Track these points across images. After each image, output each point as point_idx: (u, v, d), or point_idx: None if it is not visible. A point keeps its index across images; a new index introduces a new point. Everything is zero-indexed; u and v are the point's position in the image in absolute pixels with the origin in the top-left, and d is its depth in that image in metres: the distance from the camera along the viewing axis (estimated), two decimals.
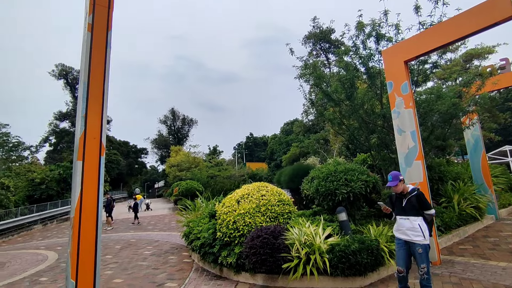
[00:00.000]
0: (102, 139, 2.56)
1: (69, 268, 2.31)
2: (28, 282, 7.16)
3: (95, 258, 2.36)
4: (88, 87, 2.56)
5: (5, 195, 19.73)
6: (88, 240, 2.36)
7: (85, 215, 2.38)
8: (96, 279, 2.34)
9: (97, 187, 2.47)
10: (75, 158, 2.51)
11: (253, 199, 6.41)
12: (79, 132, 2.48)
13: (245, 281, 5.77)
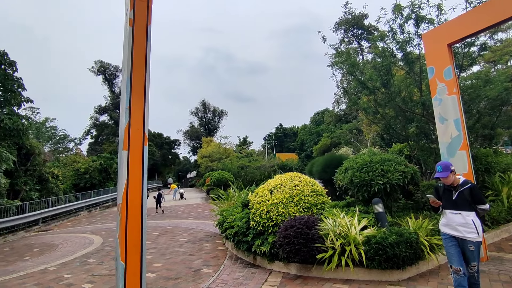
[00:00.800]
0: (145, 129, 2.67)
1: (118, 250, 2.46)
2: (78, 263, 7.78)
3: (141, 241, 2.50)
4: (131, 81, 2.67)
5: (55, 183, 21.43)
6: (135, 225, 2.50)
7: (131, 202, 2.51)
8: (142, 261, 2.48)
9: (141, 175, 2.59)
10: (121, 148, 2.65)
11: (286, 189, 6.41)
12: (123, 124, 2.61)
13: (279, 270, 5.84)
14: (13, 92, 12.85)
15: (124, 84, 2.68)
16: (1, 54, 12.59)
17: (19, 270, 7.56)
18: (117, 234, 2.56)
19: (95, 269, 7.06)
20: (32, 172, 19.41)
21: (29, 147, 18.76)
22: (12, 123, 12.26)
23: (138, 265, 2.45)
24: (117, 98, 57.08)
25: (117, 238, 2.56)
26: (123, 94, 2.71)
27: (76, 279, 6.28)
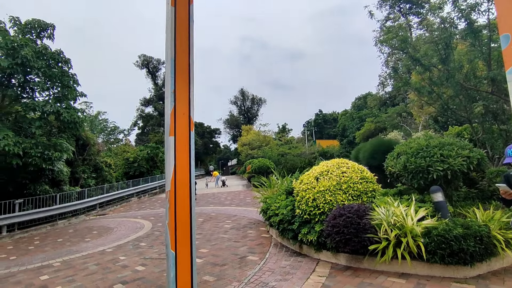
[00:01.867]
0: (191, 114, 2.56)
1: (168, 239, 2.40)
2: (131, 246, 8.25)
3: (191, 230, 2.43)
4: (175, 63, 2.55)
5: (109, 172, 23.13)
6: (184, 212, 2.42)
7: (180, 189, 2.43)
8: (192, 250, 2.41)
9: (188, 161, 2.50)
10: (167, 134, 2.56)
11: (333, 176, 6.09)
12: (169, 108, 2.51)
13: (327, 259, 5.61)
14: (69, 88, 13.84)
15: (168, 67, 2.57)
16: (58, 52, 13.55)
17: (81, 251, 8.23)
18: (167, 221, 2.51)
19: (146, 252, 7.41)
20: (88, 161, 21.09)
21: (85, 139, 20.33)
22: (70, 116, 13.26)
23: (188, 254, 2.38)
24: (160, 90, 59.57)
25: (166, 225, 2.50)
26: (167, 77, 2.62)
27: (130, 261, 6.64)
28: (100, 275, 5.86)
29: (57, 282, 5.65)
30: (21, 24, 13.16)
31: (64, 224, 14.36)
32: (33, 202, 13.56)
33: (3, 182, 13.17)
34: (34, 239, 11.16)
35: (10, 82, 12.76)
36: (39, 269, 6.74)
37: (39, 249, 9.16)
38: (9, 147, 11.38)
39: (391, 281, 4.41)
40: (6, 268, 7.12)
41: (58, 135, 14.99)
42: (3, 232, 11.83)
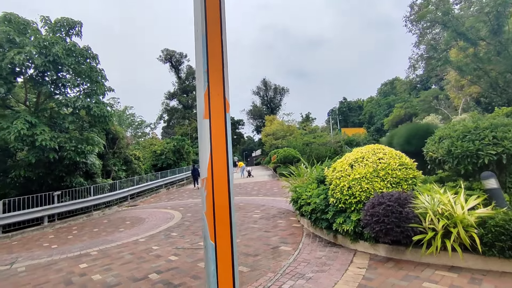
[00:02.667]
0: (226, 95, 2.35)
1: (206, 229, 2.24)
2: (163, 236, 8.36)
3: (230, 219, 2.25)
4: (207, 39, 2.34)
5: (138, 164, 23.83)
6: (222, 201, 2.25)
7: (217, 175, 2.25)
8: (233, 240, 2.24)
9: (225, 145, 2.31)
10: (201, 116, 2.38)
11: (369, 163, 5.73)
12: (202, 89, 2.32)
13: (364, 250, 5.32)
14: (98, 83, 14.20)
15: (199, 44, 2.37)
16: (86, 49, 13.89)
17: (116, 240, 8.45)
18: (204, 211, 2.34)
19: (177, 242, 7.46)
20: (118, 154, 21.79)
21: (114, 132, 20.98)
22: (100, 110, 13.63)
23: (228, 246, 2.21)
24: (183, 83, 60.39)
25: (204, 215, 2.34)
26: (198, 55, 2.42)
27: (163, 251, 6.69)
28: (135, 264, 5.94)
29: (95, 271, 5.78)
30: (51, 23, 13.57)
31: (98, 214, 14.96)
32: (70, 194, 14.21)
33: (42, 175, 13.87)
34: (72, 229, 11.68)
35: (44, 79, 13.27)
36: (78, 258, 6.98)
37: (78, 239, 9.55)
38: (46, 141, 11.89)
39: (440, 274, 4.06)
40: (49, 256, 7.45)
41: (89, 130, 15.52)
42: (45, 222, 12.50)
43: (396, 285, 3.92)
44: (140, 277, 5.14)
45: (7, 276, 6.13)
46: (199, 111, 2.48)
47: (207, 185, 2.29)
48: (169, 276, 5.06)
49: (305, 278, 4.43)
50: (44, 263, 6.83)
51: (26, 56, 11.24)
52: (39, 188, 14.09)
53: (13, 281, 5.76)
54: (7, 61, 11.07)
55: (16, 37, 11.43)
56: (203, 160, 2.35)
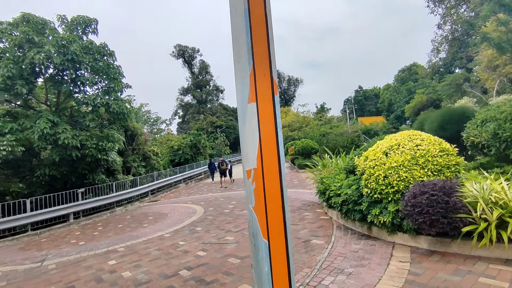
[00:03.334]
0: (273, 74, 2.09)
1: (256, 226, 2.01)
2: (188, 231, 8.27)
3: (284, 213, 2.01)
4: (249, 14, 2.08)
5: (156, 160, 24.02)
6: (275, 194, 2.01)
7: (268, 166, 2.01)
8: (287, 238, 2.00)
9: (275, 132, 2.06)
10: (244, 101, 2.14)
11: (406, 150, 5.37)
12: (246, 69, 2.07)
13: (404, 243, 5.01)
14: (115, 79, 14.22)
15: (241, 20, 2.11)
16: (103, 46, 13.90)
17: (141, 236, 8.44)
18: (251, 205, 2.12)
19: (203, 237, 7.34)
20: (137, 151, 22.01)
21: (132, 129, 21.15)
22: (118, 107, 13.68)
23: (283, 244, 1.98)
24: (196, 78, 60.45)
25: (252, 210, 2.11)
26: (237, 33, 2.17)
27: (190, 247, 6.58)
28: (163, 260, 5.85)
29: (125, 267, 5.73)
30: (68, 21, 13.61)
31: (121, 211, 15.15)
32: (93, 191, 14.42)
33: (66, 173, 14.11)
34: (97, 225, 11.84)
35: (63, 78, 13.38)
36: (106, 254, 6.97)
37: (103, 235, 9.63)
38: (68, 140, 12.03)
39: (496, 268, 3.72)
40: (77, 253, 7.49)
41: (109, 127, 15.65)
42: (70, 219, 12.73)
43: (448, 280, 3.61)
44: (171, 273, 5.02)
45: (39, 274, 6.18)
46: (241, 95, 2.24)
47: (256, 177, 2.06)
48: (200, 272, 4.92)
49: (345, 274, 4.18)
50: (73, 260, 6.86)
51: (45, 55, 11.32)
52: (63, 186, 14.38)
53: (45, 279, 5.78)
54: (27, 61, 11.18)
55: (35, 37, 11.52)
56: (250, 149, 2.12)
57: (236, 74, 2.38)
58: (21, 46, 11.66)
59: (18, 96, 12.42)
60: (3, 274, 6.63)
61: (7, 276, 6.42)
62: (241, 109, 2.28)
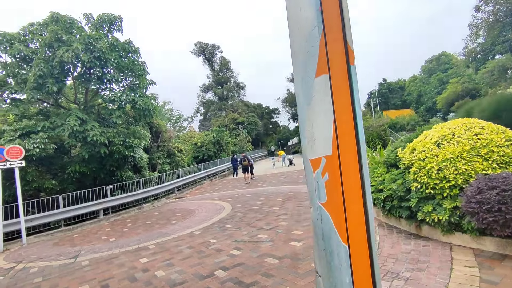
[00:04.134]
0: (349, 40, 1.68)
1: (330, 226, 1.62)
2: (218, 228, 8.02)
3: (366, 213, 1.60)
4: None
5: (180, 157, 24.16)
6: (354, 188, 1.61)
7: (345, 153, 1.62)
8: (371, 241, 1.59)
9: (352, 111, 1.65)
10: (310, 74, 1.75)
11: (463, 140, 4.78)
12: (315, 35, 1.66)
13: (463, 244, 4.44)
14: (141, 76, 14.24)
15: None
16: (127, 42, 13.93)
17: (171, 233, 8.29)
18: (320, 201, 1.74)
19: (235, 235, 7.06)
20: (162, 147, 22.19)
21: (157, 126, 21.33)
22: (144, 103, 13.69)
23: (366, 248, 1.57)
24: (217, 75, 60.60)
25: (319, 207, 1.73)
26: None
27: (223, 245, 6.31)
28: (196, 259, 5.60)
29: (157, 266, 5.53)
30: (94, 19, 13.74)
31: (148, 207, 15.25)
32: (121, 188, 14.58)
33: (95, 169, 14.35)
34: (126, 222, 11.91)
35: (91, 75, 13.54)
36: (137, 251, 6.85)
37: (133, 231, 9.60)
38: (96, 137, 12.16)
39: None
40: (109, 250, 7.44)
41: (135, 124, 15.76)
42: (100, 215, 12.92)
43: None
44: (206, 274, 4.75)
45: (73, 270, 6.13)
46: (303, 69, 1.84)
47: (329, 166, 1.66)
48: (237, 273, 4.60)
49: (402, 278, 3.71)
50: (106, 257, 6.79)
51: (73, 53, 11.43)
52: (92, 182, 14.65)
53: (79, 276, 5.70)
54: (57, 59, 11.35)
55: (63, 35, 11.67)
56: (320, 132, 1.72)
57: (293, 45, 1.99)
58: (51, 45, 11.86)
59: (49, 94, 12.70)
60: (39, 269, 6.66)
61: (42, 272, 6.44)
62: (304, 86, 1.88)
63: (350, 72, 1.67)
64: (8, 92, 12.42)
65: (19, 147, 10.34)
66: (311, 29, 1.77)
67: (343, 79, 1.67)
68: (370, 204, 1.62)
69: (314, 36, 1.74)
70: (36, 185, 12.29)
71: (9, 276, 6.49)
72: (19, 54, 12.12)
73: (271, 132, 72.11)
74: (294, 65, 2.04)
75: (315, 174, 1.84)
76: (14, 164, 10.03)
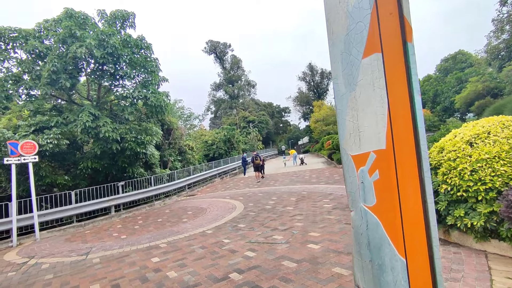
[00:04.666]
0: (405, 13, 1.40)
1: (380, 234, 1.34)
2: (230, 228, 7.80)
3: (427, 217, 1.33)
4: None
5: (192, 154, 24.09)
6: (412, 190, 1.33)
7: (401, 147, 1.33)
8: (434, 255, 1.32)
9: (410, 97, 1.37)
10: (357, 53, 1.48)
11: (500, 139, 4.40)
12: (366, 7, 1.40)
13: (501, 253, 4.08)
14: (153, 72, 14.15)
15: None
16: (140, 39, 13.85)
17: (182, 232, 8.12)
18: (365, 204, 1.48)
19: (248, 235, 6.83)
20: (173, 145, 22.15)
21: (169, 123, 21.28)
22: (156, 100, 13.60)
23: (427, 263, 1.30)
24: (228, 74, 60.53)
25: (365, 210, 1.47)
26: None
27: (236, 245, 6.08)
28: (209, 260, 5.39)
29: (169, 266, 5.35)
30: (107, 16, 13.71)
31: (159, 204, 15.18)
32: (132, 184, 14.56)
33: (107, 166, 14.36)
34: (137, 219, 11.83)
35: (104, 71, 13.53)
36: (149, 250, 6.69)
37: (144, 229, 9.48)
38: (108, 133, 12.11)
39: None
40: (120, 247, 7.32)
41: (146, 121, 15.71)
42: (112, 212, 12.90)
43: None
44: (220, 276, 4.52)
45: (84, 268, 6.01)
46: (347, 47, 1.58)
47: (381, 163, 1.39)
48: (252, 276, 4.36)
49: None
50: (117, 255, 6.66)
51: (87, 49, 11.40)
52: (104, 178, 14.66)
53: (90, 274, 5.57)
54: (70, 55, 11.34)
55: (77, 31, 11.65)
56: (369, 122, 1.45)
57: (332, 22, 1.72)
58: (65, 41, 11.87)
59: (62, 90, 12.73)
60: (51, 265, 6.58)
61: (54, 268, 6.35)
62: (346, 69, 1.62)
63: (407, 51, 1.39)
64: (23, 88, 12.50)
65: (33, 142, 10.36)
66: (357, 2, 1.50)
67: (399, 59, 1.40)
68: (432, 209, 1.34)
69: (362, 9, 1.47)
70: (49, 181, 12.34)
71: (21, 271, 6.43)
72: (34, 50, 12.17)
73: (282, 131, 71.62)
74: (332, 45, 1.77)
75: (359, 172, 1.57)
76: (28, 159, 10.05)
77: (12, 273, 6.37)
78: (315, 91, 64.72)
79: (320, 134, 39.61)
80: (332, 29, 1.77)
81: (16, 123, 12.92)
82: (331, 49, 1.79)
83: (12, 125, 12.86)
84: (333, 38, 1.77)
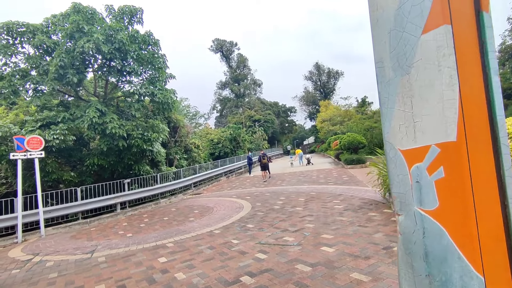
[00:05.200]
0: None
1: (449, 245, 1.13)
2: (239, 228, 7.59)
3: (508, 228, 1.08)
4: None
5: (197, 153, 23.96)
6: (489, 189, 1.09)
7: (474, 140, 1.09)
8: None
9: (484, 79, 1.13)
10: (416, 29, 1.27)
11: None
12: None
13: None
14: (160, 69, 14.00)
15: None
16: (148, 34, 13.71)
17: (189, 231, 7.93)
18: (420, 207, 1.26)
19: (257, 235, 6.61)
20: (179, 143, 22.02)
21: (175, 121, 21.16)
22: (163, 96, 13.44)
23: (509, 282, 1.05)
24: (234, 72, 60.37)
25: (421, 215, 1.29)
26: None
27: (246, 246, 5.87)
28: (218, 261, 5.18)
29: (177, 267, 5.15)
30: (115, 11, 13.59)
31: (165, 202, 15.04)
32: (138, 182, 14.43)
33: (113, 163, 14.25)
34: (143, 217, 11.69)
35: (111, 67, 13.40)
36: (155, 249, 6.51)
37: (150, 227, 9.32)
38: (115, 129, 11.99)
39: None
40: (126, 246, 7.16)
41: (153, 118, 15.57)
42: (118, 209, 12.78)
43: None
44: (231, 280, 4.31)
45: (89, 267, 5.85)
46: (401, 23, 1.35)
47: (447, 159, 1.15)
48: (265, 280, 4.14)
49: None
50: (123, 254, 6.49)
51: (94, 44, 11.27)
52: (110, 176, 14.56)
53: (95, 273, 5.40)
54: (78, 50, 11.23)
55: (85, 26, 11.53)
56: (430, 110, 1.22)
57: None
58: (72, 36, 11.76)
59: (69, 86, 12.64)
60: (55, 264, 6.45)
61: (58, 266, 6.21)
62: (397, 48, 1.38)
63: (481, 23, 1.15)
64: (30, 83, 12.43)
65: (39, 137, 10.27)
66: None
67: (471, 33, 1.15)
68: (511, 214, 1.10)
69: None
70: (55, 177, 12.25)
71: (25, 269, 6.29)
72: (42, 45, 12.09)
73: (287, 131, 71.31)
74: (376, 24, 1.53)
75: (413, 169, 1.33)
76: (34, 154, 9.95)
77: (16, 271, 6.24)
78: (322, 90, 64.26)
79: (326, 134, 39.27)
80: (377, 4, 1.52)
81: (23, 118, 12.86)
82: (374, 29, 1.55)
83: (19, 120, 12.80)
84: (378, 16, 1.53)
